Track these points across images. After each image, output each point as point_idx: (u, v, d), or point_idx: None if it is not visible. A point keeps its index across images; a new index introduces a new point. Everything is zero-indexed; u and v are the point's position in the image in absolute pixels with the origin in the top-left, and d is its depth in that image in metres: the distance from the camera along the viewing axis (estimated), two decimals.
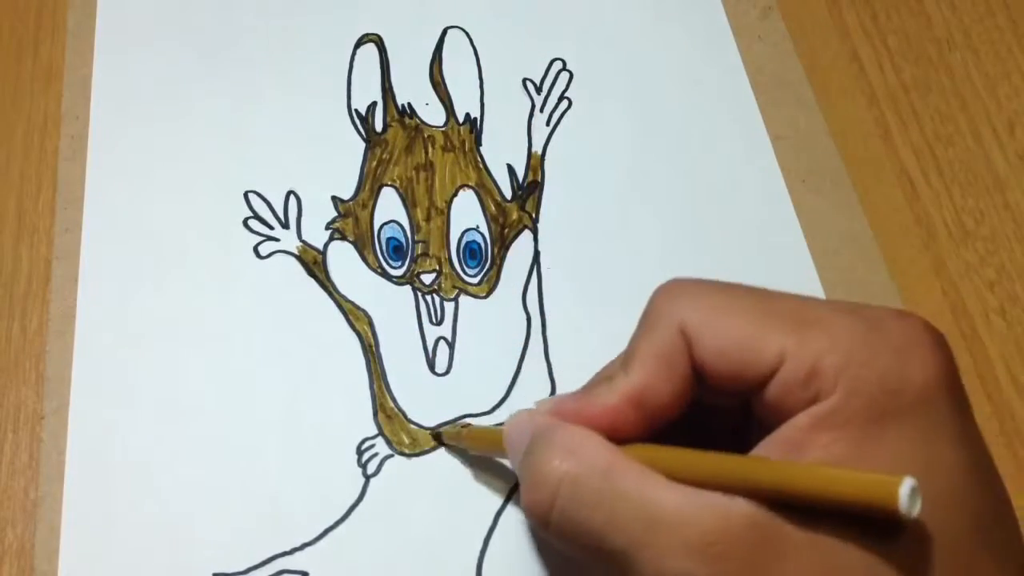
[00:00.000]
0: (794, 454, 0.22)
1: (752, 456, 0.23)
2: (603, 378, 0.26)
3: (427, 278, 0.35)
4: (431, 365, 0.34)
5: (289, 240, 0.36)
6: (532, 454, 0.25)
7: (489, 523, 0.32)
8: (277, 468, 0.32)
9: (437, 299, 0.35)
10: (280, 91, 0.38)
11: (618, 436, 0.24)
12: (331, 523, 0.31)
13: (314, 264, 0.35)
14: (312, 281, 0.35)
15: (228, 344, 0.34)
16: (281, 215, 0.36)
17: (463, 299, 0.35)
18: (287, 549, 0.31)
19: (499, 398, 0.34)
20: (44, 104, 0.38)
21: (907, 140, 0.40)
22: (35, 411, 0.33)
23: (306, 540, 0.31)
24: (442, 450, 0.33)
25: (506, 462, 0.32)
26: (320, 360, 0.34)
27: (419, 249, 0.36)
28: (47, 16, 0.40)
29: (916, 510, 0.19)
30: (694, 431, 0.25)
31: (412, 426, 0.33)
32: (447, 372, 0.34)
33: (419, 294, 0.35)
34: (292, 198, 0.36)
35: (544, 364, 0.34)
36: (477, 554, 0.31)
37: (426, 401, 0.33)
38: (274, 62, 0.39)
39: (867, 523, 0.21)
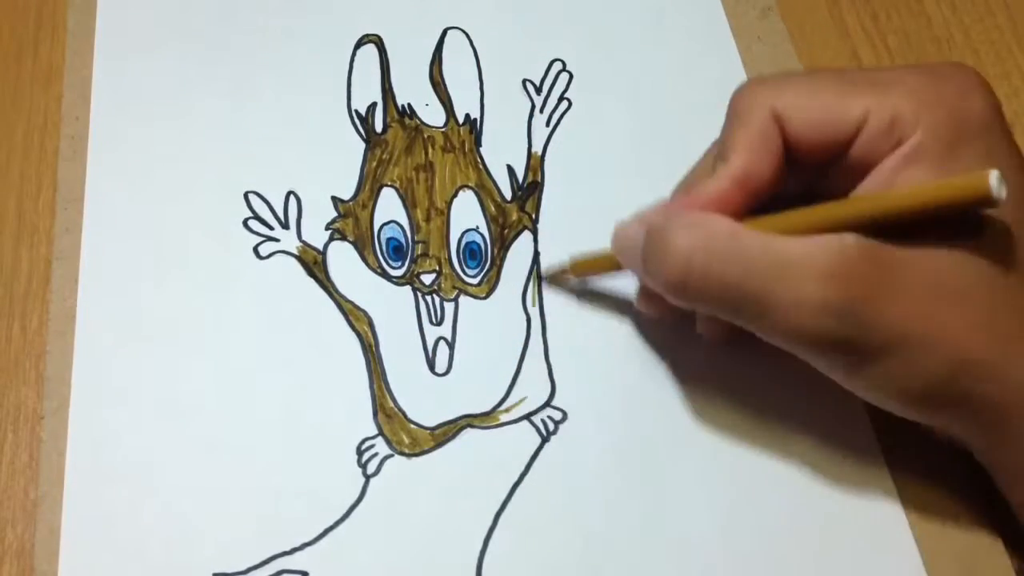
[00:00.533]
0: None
1: (849, 198, 0.27)
2: (699, 175, 0.30)
3: (427, 278, 0.35)
4: (431, 365, 0.34)
5: (289, 240, 0.36)
6: (658, 234, 0.28)
7: (489, 523, 0.32)
8: (277, 468, 0.32)
9: (437, 299, 0.35)
10: (280, 91, 0.38)
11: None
12: (331, 523, 0.31)
13: (314, 264, 0.35)
14: (312, 281, 0.35)
15: (228, 344, 0.34)
16: (281, 215, 0.36)
17: (463, 299, 0.35)
18: (287, 549, 0.31)
19: (499, 398, 0.34)
20: (44, 104, 0.38)
21: None
22: (35, 411, 0.33)
23: (306, 540, 0.31)
24: (442, 450, 0.33)
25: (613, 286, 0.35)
26: (320, 360, 0.34)
27: (419, 249, 0.36)
28: (47, 16, 0.40)
29: (1004, 193, 0.24)
30: None
31: (412, 426, 0.33)
32: (447, 372, 0.34)
33: (419, 294, 0.35)
34: (292, 198, 0.36)
35: (544, 364, 0.34)
36: (477, 554, 0.31)
37: (426, 401, 0.33)
38: (274, 62, 0.39)
39: (957, 232, 0.26)
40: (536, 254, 0.36)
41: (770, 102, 0.28)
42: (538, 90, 0.39)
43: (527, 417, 0.33)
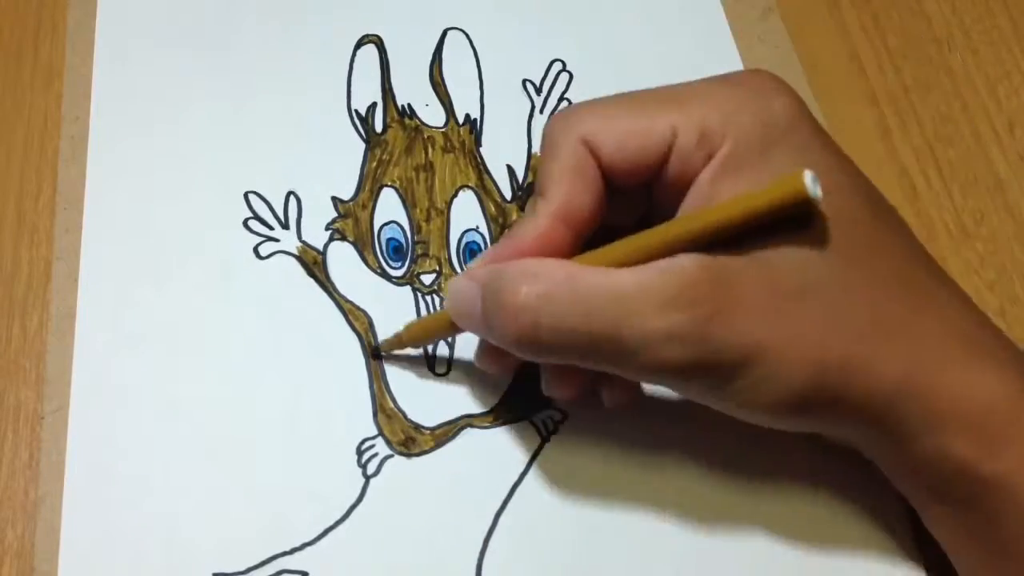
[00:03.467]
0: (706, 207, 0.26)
1: (675, 219, 0.26)
2: (521, 218, 0.28)
3: (427, 278, 0.35)
4: (431, 365, 0.34)
5: (289, 240, 0.36)
6: (496, 294, 0.27)
7: (489, 523, 0.32)
8: (277, 468, 0.32)
9: (437, 299, 0.35)
10: (280, 91, 0.38)
11: (554, 257, 0.27)
12: (331, 523, 0.31)
13: (314, 264, 0.35)
14: (312, 281, 0.35)
15: (228, 344, 0.34)
16: (281, 215, 0.36)
17: None
18: (287, 549, 0.31)
19: (498, 398, 0.34)
20: (44, 104, 0.38)
21: (907, 140, 0.40)
22: (35, 411, 0.33)
23: (306, 540, 0.31)
24: (442, 450, 0.33)
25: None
26: (320, 360, 0.34)
27: (419, 250, 0.36)
28: (47, 16, 0.40)
29: (819, 191, 0.24)
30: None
31: (412, 426, 0.33)
32: (447, 372, 0.34)
33: (419, 294, 0.35)
34: (292, 198, 0.36)
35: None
36: (477, 554, 0.31)
37: (426, 401, 0.33)
38: (274, 62, 0.39)
39: (789, 234, 0.25)
40: None
41: (577, 130, 0.27)
42: (538, 90, 0.39)
43: (527, 417, 0.33)
